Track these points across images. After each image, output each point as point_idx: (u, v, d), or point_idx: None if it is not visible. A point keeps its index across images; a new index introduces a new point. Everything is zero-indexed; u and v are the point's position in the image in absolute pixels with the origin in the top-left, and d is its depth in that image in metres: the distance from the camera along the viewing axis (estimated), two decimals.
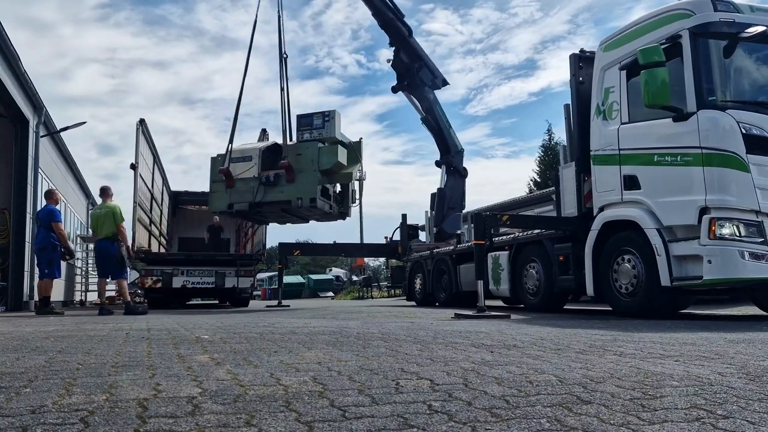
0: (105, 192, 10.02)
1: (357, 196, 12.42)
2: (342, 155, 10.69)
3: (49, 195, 9.98)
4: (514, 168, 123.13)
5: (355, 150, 11.44)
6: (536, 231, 8.80)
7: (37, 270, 9.89)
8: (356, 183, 12.35)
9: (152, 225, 14.35)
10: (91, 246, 19.78)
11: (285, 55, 11.79)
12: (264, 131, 15.52)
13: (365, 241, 31.71)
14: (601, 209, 7.29)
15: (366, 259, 36.43)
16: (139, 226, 12.16)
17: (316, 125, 10.72)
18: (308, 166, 10.47)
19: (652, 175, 6.54)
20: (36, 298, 12.70)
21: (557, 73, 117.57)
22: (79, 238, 20.22)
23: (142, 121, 12.90)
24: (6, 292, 12.00)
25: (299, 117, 10.98)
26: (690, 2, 6.37)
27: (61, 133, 15.47)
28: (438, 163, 16.37)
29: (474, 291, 7.57)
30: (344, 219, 12.31)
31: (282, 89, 11.40)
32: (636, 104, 6.76)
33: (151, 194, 14.31)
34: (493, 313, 7.00)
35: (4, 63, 10.81)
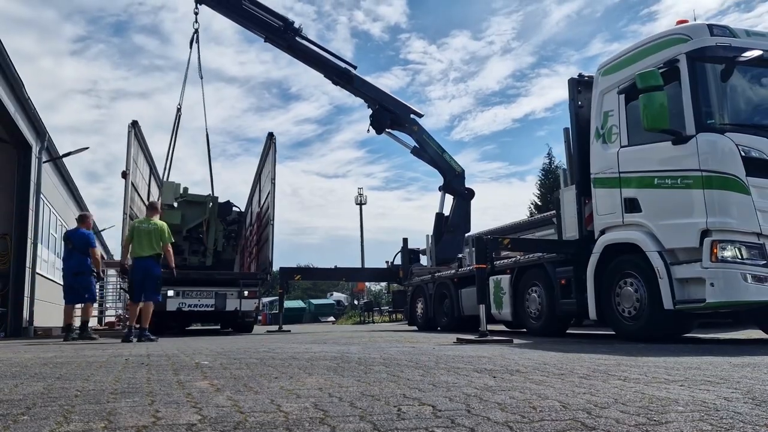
0: (154, 207, 9.64)
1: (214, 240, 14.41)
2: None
3: (83, 219, 10.00)
4: (506, 191, 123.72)
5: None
6: (537, 254, 8.78)
7: (61, 294, 9.73)
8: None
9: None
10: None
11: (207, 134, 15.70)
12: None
13: (366, 266, 31.59)
14: (602, 232, 7.28)
15: (367, 284, 36.30)
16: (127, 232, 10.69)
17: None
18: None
19: (653, 197, 6.55)
20: (35, 323, 12.65)
21: (539, 100, 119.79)
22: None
23: (134, 123, 12.23)
24: (5, 318, 11.94)
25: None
26: (687, 27, 6.45)
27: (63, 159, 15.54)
28: (441, 188, 16.44)
29: (476, 315, 7.52)
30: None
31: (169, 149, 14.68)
32: (635, 127, 6.81)
33: (145, 206, 12.90)
34: (495, 338, 6.95)
35: (8, 88, 10.90)
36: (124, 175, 11.74)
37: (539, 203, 44.38)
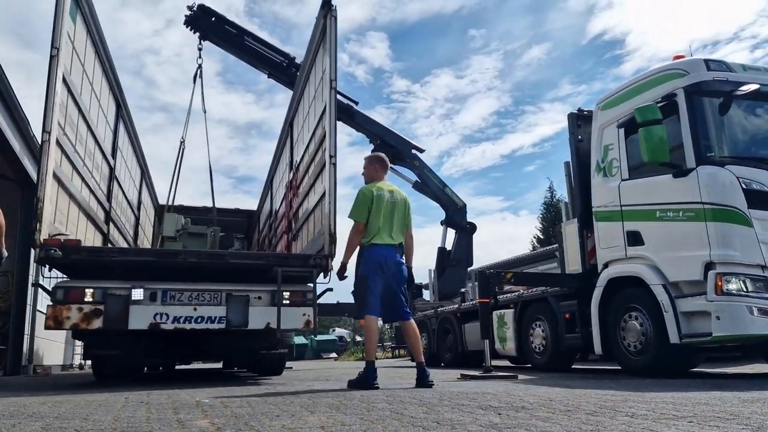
0: (384, 163, 5.90)
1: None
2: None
3: None
4: (500, 227, 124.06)
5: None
6: (541, 288, 8.73)
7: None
8: None
9: (84, 184, 7.83)
10: None
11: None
12: None
13: None
14: (606, 265, 7.25)
15: None
16: (51, 182, 6.02)
17: None
18: None
19: (655, 230, 6.54)
20: (35, 362, 12.51)
21: (525, 136, 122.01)
22: None
23: None
24: (5, 356, 11.83)
25: None
26: (683, 62, 6.55)
27: None
28: (443, 222, 16.46)
29: (480, 350, 7.45)
30: None
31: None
32: (635, 161, 6.85)
33: (82, 114, 7.49)
34: (500, 374, 6.85)
35: (14, 126, 11.00)
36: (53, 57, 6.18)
37: (541, 237, 44.37)
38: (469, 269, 15.86)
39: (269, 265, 6.61)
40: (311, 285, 6.63)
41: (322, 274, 6.74)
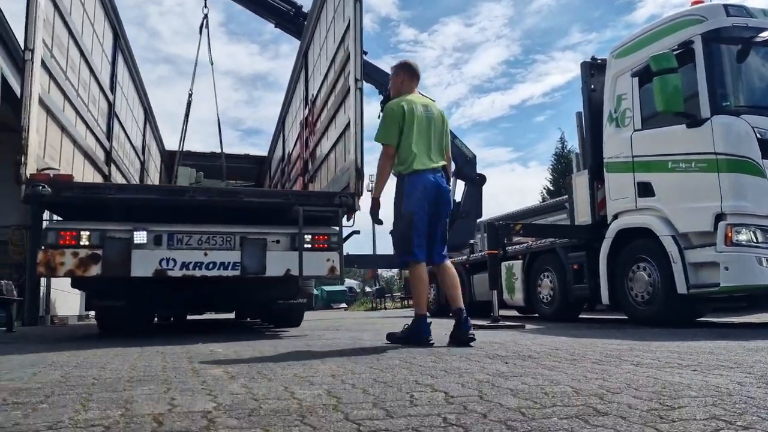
0: (413, 71, 4.82)
1: None
2: None
3: None
4: (509, 178, 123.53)
5: None
6: (549, 240, 8.75)
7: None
8: None
9: (78, 117, 7.13)
10: None
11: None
12: None
13: (378, 251, 31.60)
14: (615, 217, 7.23)
15: (379, 270, 36.41)
16: (37, 109, 5.37)
17: None
18: None
19: (667, 182, 6.48)
20: (52, 312, 12.83)
21: (536, 86, 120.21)
22: None
23: None
24: (23, 307, 12.14)
25: None
26: (702, 8, 6.34)
27: None
28: (452, 174, 16.39)
29: (488, 301, 7.53)
30: None
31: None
32: (649, 111, 6.73)
33: (72, 36, 6.76)
34: (507, 324, 6.95)
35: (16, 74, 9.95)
36: None
37: (552, 188, 44.20)
38: (478, 221, 15.90)
39: (288, 204, 5.88)
40: (336, 228, 5.95)
41: (345, 217, 6.04)
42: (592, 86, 7.91)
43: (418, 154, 4.43)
